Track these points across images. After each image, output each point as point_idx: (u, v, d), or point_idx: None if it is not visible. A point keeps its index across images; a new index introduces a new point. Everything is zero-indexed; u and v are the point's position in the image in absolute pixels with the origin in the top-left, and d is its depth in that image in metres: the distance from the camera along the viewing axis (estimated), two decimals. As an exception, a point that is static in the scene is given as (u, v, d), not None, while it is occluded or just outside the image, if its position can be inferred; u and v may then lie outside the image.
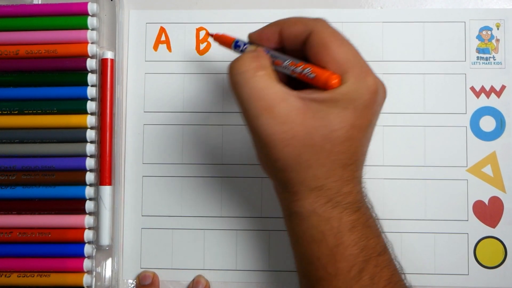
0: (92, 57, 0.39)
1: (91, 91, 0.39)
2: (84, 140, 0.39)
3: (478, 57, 0.39)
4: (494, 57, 0.39)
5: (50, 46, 0.39)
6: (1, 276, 0.38)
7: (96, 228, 0.39)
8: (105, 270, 0.39)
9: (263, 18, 0.40)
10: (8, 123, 0.39)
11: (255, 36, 0.30)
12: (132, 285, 0.39)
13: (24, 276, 0.38)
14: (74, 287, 0.38)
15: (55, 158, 0.38)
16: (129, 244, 0.39)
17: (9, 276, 0.38)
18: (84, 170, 0.38)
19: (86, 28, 0.39)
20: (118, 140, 0.40)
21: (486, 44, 0.39)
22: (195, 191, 0.39)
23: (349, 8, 0.40)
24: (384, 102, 0.29)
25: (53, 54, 0.39)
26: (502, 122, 0.39)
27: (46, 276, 0.38)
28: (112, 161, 0.39)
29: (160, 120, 0.40)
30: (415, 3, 0.40)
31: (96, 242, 0.39)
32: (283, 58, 0.29)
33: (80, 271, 0.38)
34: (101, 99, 0.39)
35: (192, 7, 0.41)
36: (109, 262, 0.39)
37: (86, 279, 0.38)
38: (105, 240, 0.38)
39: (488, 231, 0.38)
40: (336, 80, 0.27)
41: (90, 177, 0.38)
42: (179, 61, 0.40)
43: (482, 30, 0.39)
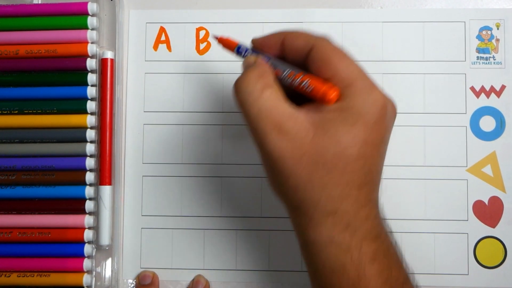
0: (92, 57, 0.39)
1: (91, 91, 0.39)
2: (84, 140, 0.39)
3: (478, 57, 0.39)
4: (494, 57, 0.39)
5: (50, 46, 0.39)
6: (1, 276, 0.38)
7: (96, 228, 0.39)
8: (105, 270, 0.39)
9: (263, 18, 0.40)
10: (8, 123, 0.39)
11: (258, 42, 0.30)
12: (132, 285, 0.39)
13: (24, 276, 0.38)
14: (74, 287, 0.38)
15: (55, 158, 0.38)
16: (129, 244, 0.39)
17: (9, 276, 0.38)
18: (84, 170, 0.38)
19: (86, 28, 0.39)
20: (118, 140, 0.40)
21: (486, 44, 0.39)
22: (195, 191, 0.39)
23: (349, 8, 0.40)
24: (394, 118, 0.28)
25: (53, 54, 0.39)
26: (502, 122, 0.39)
27: (46, 276, 0.38)
28: (112, 161, 0.39)
29: (160, 120, 0.40)
30: (415, 3, 0.40)
31: (96, 242, 0.39)
32: (282, 68, 0.28)
33: (80, 271, 0.38)
34: (101, 99, 0.39)
35: (192, 7, 0.41)
36: (109, 262, 0.39)
37: (86, 279, 0.38)
38: (105, 240, 0.38)
39: (488, 231, 0.38)
40: (334, 94, 0.26)
41: (90, 177, 0.38)
42: (179, 61, 0.40)
43: (482, 30, 0.39)
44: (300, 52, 0.28)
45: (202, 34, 0.40)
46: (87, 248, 0.38)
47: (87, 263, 0.38)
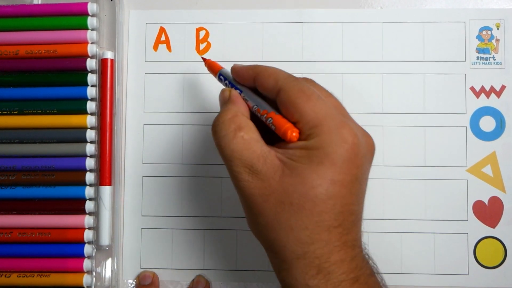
0: (92, 57, 0.39)
1: (91, 91, 0.39)
2: (84, 140, 0.39)
3: (478, 57, 0.39)
4: (494, 57, 0.39)
5: (50, 46, 0.39)
6: (1, 276, 0.38)
7: (96, 228, 0.39)
8: (105, 270, 0.39)
9: (263, 18, 0.40)
10: (8, 123, 0.39)
11: (235, 71, 0.31)
12: (132, 285, 0.39)
13: (24, 276, 0.38)
14: (74, 287, 0.38)
15: (55, 158, 0.38)
16: (129, 244, 0.39)
17: (9, 276, 0.38)
18: (84, 170, 0.38)
19: (86, 28, 0.39)
20: (118, 140, 0.40)
21: (486, 44, 0.39)
22: (195, 191, 0.39)
23: (349, 8, 0.40)
24: (372, 154, 0.28)
25: (53, 54, 0.39)
26: (502, 122, 0.39)
27: (46, 276, 0.38)
28: (112, 161, 0.39)
29: (160, 120, 0.40)
30: (415, 3, 0.40)
31: (96, 242, 0.39)
32: (252, 101, 0.29)
33: (80, 271, 0.38)
34: (101, 99, 0.39)
35: (192, 7, 0.41)
36: (109, 262, 0.39)
37: (86, 279, 0.38)
38: (105, 240, 0.38)
39: (488, 231, 0.38)
40: (294, 134, 0.26)
41: (90, 177, 0.38)
42: (179, 61, 0.40)
43: (482, 30, 0.39)
44: (271, 92, 0.28)
45: (202, 34, 0.40)
46: (87, 249, 0.38)
47: (87, 264, 0.38)
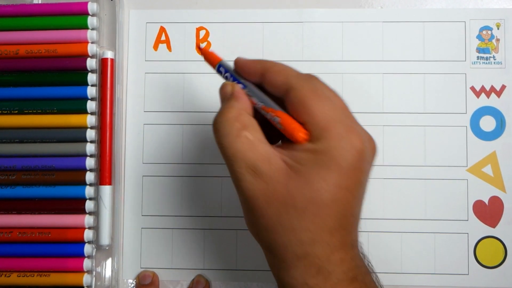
0: (92, 56, 0.39)
1: (91, 91, 0.39)
2: (84, 140, 0.39)
3: (478, 56, 0.39)
4: (494, 57, 0.39)
5: (50, 46, 0.39)
6: (1, 276, 0.38)
7: (96, 227, 0.39)
8: (105, 270, 0.39)
9: (263, 18, 0.40)
10: (8, 123, 0.39)
11: (240, 64, 0.30)
12: (132, 285, 0.39)
13: (24, 276, 0.38)
14: (74, 287, 0.38)
15: (55, 158, 0.38)
16: (129, 244, 0.39)
17: (9, 276, 0.38)
18: (84, 170, 0.38)
19: (86, 27, 0.39)
20: (118, 140, 0.40)
21: (486, 44, 0.39)
22: (195, 191, 0.39)
23: (349, 8, 0.40)
24: (374, 158, 0.27)
25: (53, 53, 0.39)
26: (502, 122, 0.39)
27: (46, 276, 0.38)
28: (112, 161, 0.39)
29: (160, 120, 0.40)
30: (415, 3, 0.40)
31: (96, 242, 0.39)
32: (258, 98, 0.28)
33: (80, 271, 0.38)
34: (101, 99, 0.39)
35: (192, 7, 0.41)
36: (109, 262, 0.39)
37: (86, 279, 0.38)
38: (105, 240, 0.38)
39: (488, 231, 0.38)
40: (303, 136, 0.26)
41: (90, 176, 0.38)
42: (179, 60, 0.40)
43: (482, 30, 0.39)
44: (279, 89, 0.27)
45: (202, 34, 0.40)
46: (87, 248, 0.38)
47: (87, 263, 0.38)
